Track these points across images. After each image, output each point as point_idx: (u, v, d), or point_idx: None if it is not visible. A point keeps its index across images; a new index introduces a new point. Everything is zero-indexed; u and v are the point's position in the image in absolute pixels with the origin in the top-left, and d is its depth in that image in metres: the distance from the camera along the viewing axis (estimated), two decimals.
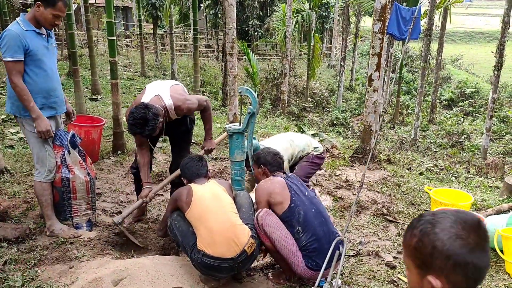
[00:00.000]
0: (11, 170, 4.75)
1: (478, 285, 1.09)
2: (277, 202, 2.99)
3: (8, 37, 3.06)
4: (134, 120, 3.18)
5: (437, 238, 1.03)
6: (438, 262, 1.03)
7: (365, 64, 26.49)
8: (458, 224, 1.06)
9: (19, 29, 3.11)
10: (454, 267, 1.03)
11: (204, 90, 13.77)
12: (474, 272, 1.04)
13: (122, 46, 22.20)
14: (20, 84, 3.10)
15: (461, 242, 1.04)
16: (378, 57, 6.23)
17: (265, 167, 3.30)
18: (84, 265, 2.99)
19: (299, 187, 3.10)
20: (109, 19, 5.67)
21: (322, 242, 2.89)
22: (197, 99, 3.63)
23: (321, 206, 3.11)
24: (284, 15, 15.58)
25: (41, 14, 3.14)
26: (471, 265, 1.03)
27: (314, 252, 2.88)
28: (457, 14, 38.15)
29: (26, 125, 3.27)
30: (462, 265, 1.03)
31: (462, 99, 19.98)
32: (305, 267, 2.89)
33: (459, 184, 6.48)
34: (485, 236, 1.08)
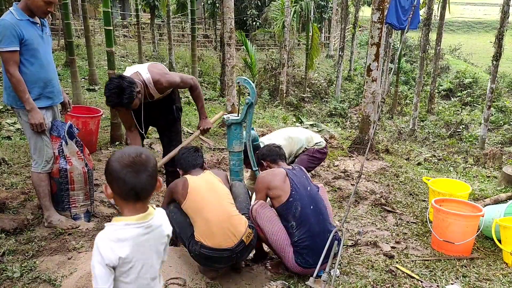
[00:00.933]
0: (8, 161, 4.73)
1: (140, 198, 1.54)
2: (275, 195, 2.97)
3: (3, 27, 3.01)
4: (110, 91, 3.09)
5: (108, 160, 1.54)
6: (107, 176, 1.54)
7: (363, 54, 26.41)
8: (124, 153, 1.54)
9: (13, 19, 3.06)
10: (113, 180, 1.52)
11: (202, 80, 13.70)
12: (124, 185, 1.50)
13: (119, 36, 22.04)
14: (16, 75, 3.07)
15: (118, 164, 1.51)
16: (376, 47, 6.20)
17: (265, 160, 3.32)
18: (82, 256, 2.99)
19: (302, 180, 3.07)
20: (106, 9, 5.62)
21: (316, 240, 2.87)
22: (180, 76, 3.59)
23: (322, 203, 3.07)
24: (282, 5, 15.46)
25: (32, 2, 3.08)
26: (122, 180, 1.50)
27: (305, 249, 2.86)
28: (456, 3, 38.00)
29: (22, 115, 3.24)
30: (116, 179, 1.51)
31: (460, 89, 19.99)
32: (294, 262, 2.88)
33: (457, 174, 6.50)
34: (140, 163, 1.53)
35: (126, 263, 1.52)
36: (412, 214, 4.37)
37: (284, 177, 3.02)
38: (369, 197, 4.75)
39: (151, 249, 1.59)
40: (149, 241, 1.57)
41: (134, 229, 1.53)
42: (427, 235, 3.85)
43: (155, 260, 1.61)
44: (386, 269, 3.19)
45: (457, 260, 3.39)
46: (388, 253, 3.45)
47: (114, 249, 1.49)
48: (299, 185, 3.01)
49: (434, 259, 3.41)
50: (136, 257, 1.54)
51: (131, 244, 1.52)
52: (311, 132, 4.62)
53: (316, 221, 2.92)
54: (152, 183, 1.56)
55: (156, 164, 1.61)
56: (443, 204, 3.74)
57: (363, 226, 4.04)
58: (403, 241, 3.73)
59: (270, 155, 3.31)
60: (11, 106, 3.30)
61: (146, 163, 1.54)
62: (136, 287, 1.57)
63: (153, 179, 1.56)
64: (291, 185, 2.98)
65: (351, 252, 3.46)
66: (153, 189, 1.58)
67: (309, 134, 4.41)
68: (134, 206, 1.55)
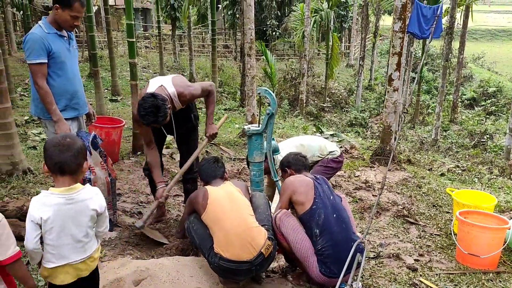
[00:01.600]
0: (34, 170, 4.84)
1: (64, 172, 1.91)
2: (299, 201, 2.98)
3: (32, 41, 3.11)
4: (146, 110, 3.18)
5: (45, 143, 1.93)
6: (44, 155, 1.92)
7: (384, 64, 26.20)
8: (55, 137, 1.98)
9: (42, 32, 3.16)
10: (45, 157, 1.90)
11: (222, 90, 13.80)
12: (50, 160, 1.89)
13: (141, 47, 22.45)
14: (44, 87, 3.16)
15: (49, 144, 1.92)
16: (398, 56, 6.15)
17: (290, 169, 3.34)
18: (105, 264, 3.03)
19: (325, 190, 3.07)
20: (129, 21, 5.74)
21: (339, 249, 2.84)
22: (200, 85, 3.67)
23: (345, 213, 3.06)
24: (302, 15, 15.51)
25: (60, 16, 3.18)
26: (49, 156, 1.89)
27: (329, 258, 2.84)
28: (479, 11, 37.43)
29: (49, 126, 3.33)
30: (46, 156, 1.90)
31: (484, 98, 19.58)
32: (318, 272, 2.85)
33: (482, 185, 6.35)
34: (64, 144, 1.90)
35: (48, 224, 1.88)
36: (435, 226, 4.29)
37: (311, 185, 3.04)
38: (391, 208, 4.68)
39: (71, 218, 1.94)
40: (71, 211, 1.93)
41: (56, 198, 1.90)
42: (451, 248, 3.76)
43: (75, 228, 1.95)
44: (409, 282, 3.13)
45: (482, 273, 3.30)
46: (411, 266, 3.39)
47: (39, 210, 1.87)
48: (323, 194, 3.02)
49: (459, 272, 3.33)
50: (56, 222, 1.90)
51: (52, 210, 1.88)
52: (324, 140, 4.57)
53: (339, 230, 2.90)
54: (74, 161, 1.92)
55: (82, 147, 1.97)
56: (468, 216, 3.66)
57: (385, 238, 3.98)
58: (427, 253, 3.66)
59: (296, 164, 3.34)
60: (38, 117, 3.40)
61: (70, 145, 1.92)
62: (58, 244, 1.93)
63: (76, 158, 1.93)
64: (315, 193, 2.99)
65: (373, 264, 3.41)
66: (78, 168, 1.95)
67: (322, 142, 4.38)
68: (60, 179, 1.93)
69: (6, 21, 14.45)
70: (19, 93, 9.98)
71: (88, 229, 2.01)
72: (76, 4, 3.15)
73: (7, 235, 1.84)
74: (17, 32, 21.68)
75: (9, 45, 14.45)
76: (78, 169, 1.95)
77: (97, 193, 2.05)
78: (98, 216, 2.04)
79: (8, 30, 15.23)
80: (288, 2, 24.78)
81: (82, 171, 1.98)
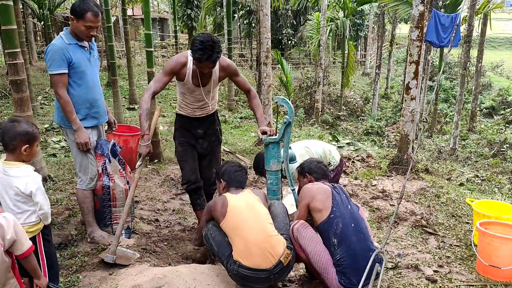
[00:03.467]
0: (54, 177, 4.93)
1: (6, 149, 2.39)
2: (317, 208, 2.95)
3: (53, 51, 3.20)
4: (203, 43, 3.11)
5: None
6: None
7: (400, 72, 26.01)
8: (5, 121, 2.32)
9: (62, 43, 3.24)
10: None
11: (238, 99, 13.86)
12: None
13: (158, 56, 22.72)
14: (64, 96, 3.23)
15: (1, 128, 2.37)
16: (416, 65, 6.11)
17: (310, 175, 3.32)
18: (123, 272, 3.05)
19: (343, 199, 3.04)
20: (147, 31, 5.83)
21: (358, 259, 2.80)
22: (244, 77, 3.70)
23: (363, 222, 3.02)
24: (318, 24, 15.55)
25: (75, 27, 3.25)
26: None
27: (347, 269, 2.80)
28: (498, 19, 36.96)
29: (69, 134, 3.40)
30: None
31: (503, 107, 19.26)
32: (338, 283, 2.81)
33: (502, 195, 6.23)
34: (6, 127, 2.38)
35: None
36: (455, 237, 4.21)
37: (329, 193, 3.02)
38: (409, 218, 4.62)
39: (3, 186, 2.39)
40: (3, 180, 2.38)
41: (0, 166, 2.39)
42: (471, 259, 3.69)
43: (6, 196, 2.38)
44: None
45: (504, 286, 3.23)
46: (430, 277, 3.33)
47: None
48: (341, 203, 2.99)
49: (480, 284, 3.27)
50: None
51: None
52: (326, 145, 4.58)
53: (357, 240, 2.86)
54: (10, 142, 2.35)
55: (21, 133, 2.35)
56: (488, 227, 3.59)
57: (403, 248, 3.92)
58: (446, 265, 3.60)
59: (317, 172, 3.31)
60: (60, 126, 3.47)
61: (11, 129, 2.36)
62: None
63: (12, 140, 2.35)
64: (333, 201, 2.97)
65: (391, 275, 3.37)
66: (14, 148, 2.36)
67: (326, 147, 4.40)
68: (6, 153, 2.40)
69: (27, 32, 14.79)
70: (40, 102, 10.20)
71: (16, 202, 2.38)
72: (88, 14, 3.20)
73: (21, 232, 2.11)
74: (38, 42, 22.18)
75: (30, 54, 14.78)
76: (15, 150, 2.37)
77: (29, 176, 2.37)
78: (27, 196, 2.35)
79: (29, 40, 15.58)
80: (303, 11, 24.82)
81: (21, 153, 2.37)
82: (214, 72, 3.49)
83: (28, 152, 2.41)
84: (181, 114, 3.74)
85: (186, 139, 3.76)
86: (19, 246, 2.08)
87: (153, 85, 3.39)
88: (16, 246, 2.07)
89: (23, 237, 2.10)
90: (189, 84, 3.48)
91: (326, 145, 4.48)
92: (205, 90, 3.55)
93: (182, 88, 3.57)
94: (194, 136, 3.76)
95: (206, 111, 3.73)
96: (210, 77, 3.50)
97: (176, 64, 3.40)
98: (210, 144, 3.86)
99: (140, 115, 3.35)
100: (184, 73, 3.43)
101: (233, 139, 8.41)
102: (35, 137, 2.43)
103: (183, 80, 3.47)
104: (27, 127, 2.41)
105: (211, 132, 3.84)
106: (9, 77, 4.35)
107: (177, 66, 3.40)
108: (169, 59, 3.34)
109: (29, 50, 14.55)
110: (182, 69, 3.41)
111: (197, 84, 3.47)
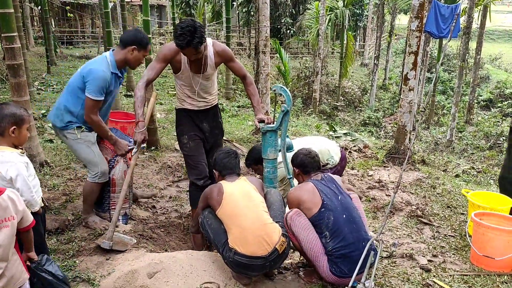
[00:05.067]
0: (50, 163, 4.92)
1: None
2: (307, 208, 2.95)
3: (101, 79, 3.26)
4: (183, 29, 3.07)
5: None
6: None
7: (398, 63, 25.98)
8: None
9: (108, 71, 3.32)
10: None
11: (235, 87, 13.80)
12: None
13: (156, 43, 22.56)
14: (96, 120, 3.35)
15: None
16: (414, 55, 6.09)
17: (299, 168, 3.26)
18: (120, 257, 3.07)
19: (333, 190, 3.03)
20: (145, 17, 5.79)
21: (351, 249, 2.83)
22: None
23: (355, 212, 3.02)
24: (317, 13, 15.46)
25: (135, 57, 3.42)
26: None
27: (340, 258, 2.82)
28: (497, 12, 36.87)
29: (67, 135, 3.43)
30: None
31: (501, 100, 19.30)
32: (329, 271, 2.85)
33: (498, 187, 6.26)
34: None
35: None
36: (450, 227, 4.25)
37: (313, 190, 2.99)
38: (405, 209, 4.65)
39: None
40: None
41: None
42: (466, 250, 3.73)
43: None
44: (422, 282, 3.11)
45: (497, 276, 3.27)
46: (424, 266, 3.37)
47: None
48: (330, 195, 2.98)
49: (473, 274, 3.30)
50: None
51: None
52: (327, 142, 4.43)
53: (349, 231, 2.88)
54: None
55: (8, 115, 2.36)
56: (483, 218, 3.62)
57: (398, 238, 3.95)
58: (441, 254, 3.63)
59: (305, 166, 3.22)
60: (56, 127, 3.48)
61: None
62: None
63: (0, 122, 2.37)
64: (321, 196, 2.95)
65: (386, 264, 3.40)
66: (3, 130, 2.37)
67: (326, 144, 4.28)
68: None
69: (24, 16, 14.63)
70: (36, 87, 10.14)
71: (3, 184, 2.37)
72: (149, 45, 3.50)
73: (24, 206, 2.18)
74: (35, 27, 21.98)
75: (27, 40, 14.65)
76: (3, 132, 2.38)
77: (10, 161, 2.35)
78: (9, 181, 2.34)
79: (26, 25, 15.43)
80: (303, 0, 24.66)
81: (9, 135, 2.39)
82: (210, 57, 3.45)
83: (17, 135, 2.42)
84: (185, 108, 3.67)
85: (195, 133, 3.68)
86: (27, 218, 2.18)
87: (146, 73, 3.37)
88: (24, 219, 2.16)
89: (26, 210, 2.19)
90: (187, 73, 3.45)
91: (324, 144, 4.33)
92: (204, 78, 3.52)
93: (180, 80, 3.54)
94: (202, 130, 3.72)
95: (210, 103, 3.71)
96: (206, 64, 3.46)
97: (168, 51, 3.36)
98: (214, 137, 3.84)
99: (134, 103, 3.33)
100: (179, 60, 3.40)
101: (231, 127, 8.40)
102: (22, 119, 2.44)
103: (180, 69, 3.44)
104: (14, 109, 2.43)
105: (215, 125, 3.81)
106: (6, 61, 4.31)
107: (169, 53, 3.35)
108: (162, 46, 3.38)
109: (26, 35, 14.42)
110: (176, 57, 3.38)
111: (196, 71, 3.44)
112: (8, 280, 2.09)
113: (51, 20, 16.88)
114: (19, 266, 2.17)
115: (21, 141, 2.48)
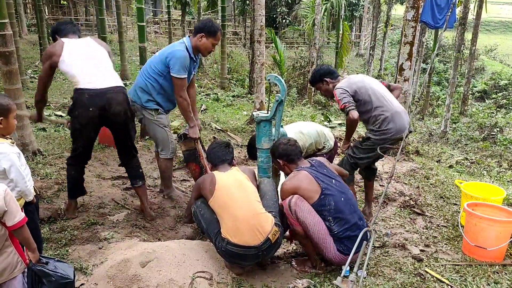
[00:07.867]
0: (43, 151, 4.88)
1: None
2: (307, 196, 2.95)
3: (182, 58, 3.55)
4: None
5: None
6: None
7: (394, 54, 25.92)
8: None
9: (187, 53, 3.60)
10: None
11: (230, 77, 13.74)
12: None
13: (150, 32, 22.36)
14: (186, 98, 3.68)
15: None
16: (410, 46, 6.07)
17: (281, 159, 3.21)
18: (113, 246, 3.06)
19: (326, 175, 3.06)
20: (139, 5, 5.72)
21: (354, 229, 2.92)
22: None
23: (350, 192, 3.12)
24: (313, 2, 15.33)
25: (203, 44, 3.66)
26: None
27: (345, 238, 2.91)
28: (493, 3, 36.84)
29: (145, 113, 3.76)
30: None
31: (495, 91, 19.37)
32: (336, 251, 2.91)
33: (491, 178, 6.30)
34: None
35: None
36: (442, 218, 4.27)
37: (309, 177, 3.01)
38: (398, 199, 4.67)
39: None
40: None
41: None
42: (458, 240, 3.75)
43: None
44: (414, 272, 3.13)
45: (489, 266, 3.29)
46: (417, 256, 3.38)
47: None
48: (326, 181, 3.02)
49: (465, 264, 3.33)
50: None
51: None
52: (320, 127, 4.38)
53: (349, 212, 2.98)
54: None
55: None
56: (476, 209, 3.64)
57: (391, 228, 3.97)
58: (433, 244, 3.65)
59: (287, 155, 3.18)
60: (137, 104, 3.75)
61: None
62: None
63: None
64: (318, 183, 2.98)
65: (379, 254, 3.41)
66: None
67: (319, 129, 4.25)
68: None
69: (17, 3, 14.43)
70: (29, 76, 10.03)
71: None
72: (219, 33, 3.70)
73: (13, 203, 2.09)
74: (28, 14, 21.69)
75: (20, 27, 14.45)
76: None
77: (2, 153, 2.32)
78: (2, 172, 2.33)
79: (19, 12, 15.22)
80: None
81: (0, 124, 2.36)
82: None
83: (5, 125, 2.39)
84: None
85: None
86: (10, 216, 2.07)
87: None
88: (7, 216, 2.06)
89: (14, 208, 2.09)
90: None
91: (319, 127, 4.34)
92: None
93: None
94: None
95: None
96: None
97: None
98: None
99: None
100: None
101: (225, 117, 8.37)
102: (8, 109, 2.40)
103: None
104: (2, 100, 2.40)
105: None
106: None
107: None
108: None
109: (19, 23, 14.23)
110: None
111: None
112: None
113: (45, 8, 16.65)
114: (14, 257, 2.15)
115: (9, 130, 2.45)
